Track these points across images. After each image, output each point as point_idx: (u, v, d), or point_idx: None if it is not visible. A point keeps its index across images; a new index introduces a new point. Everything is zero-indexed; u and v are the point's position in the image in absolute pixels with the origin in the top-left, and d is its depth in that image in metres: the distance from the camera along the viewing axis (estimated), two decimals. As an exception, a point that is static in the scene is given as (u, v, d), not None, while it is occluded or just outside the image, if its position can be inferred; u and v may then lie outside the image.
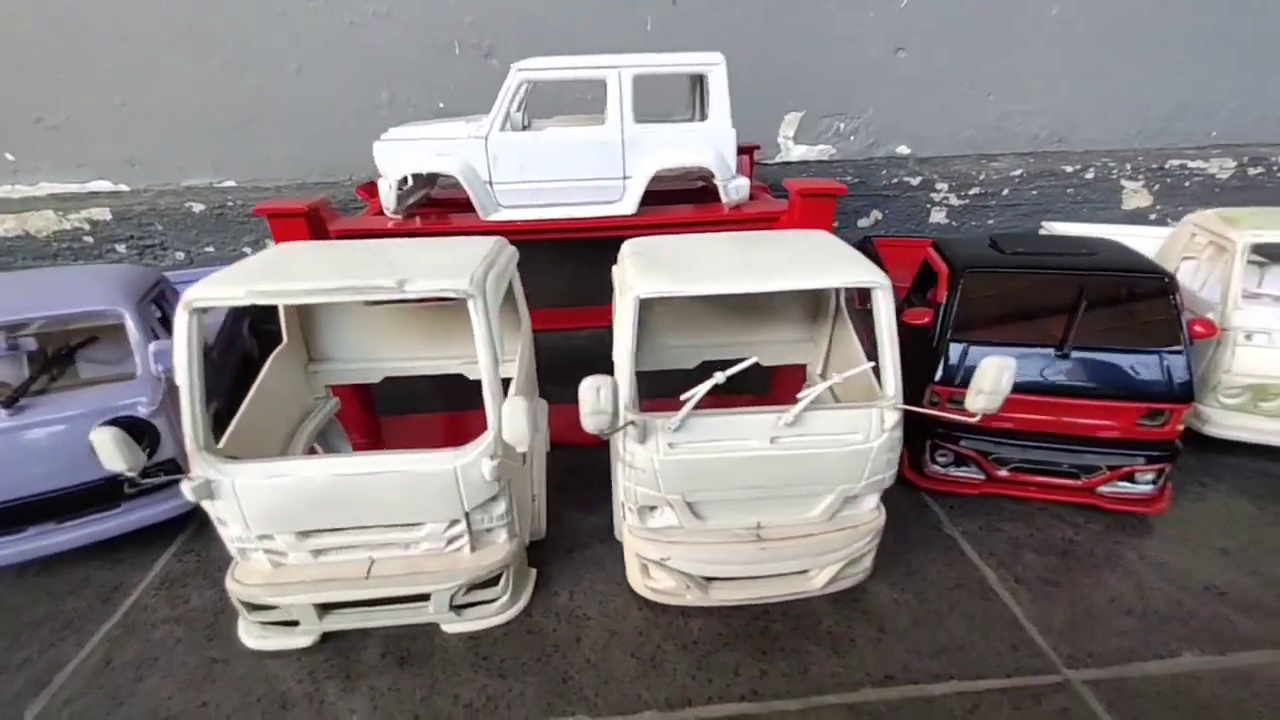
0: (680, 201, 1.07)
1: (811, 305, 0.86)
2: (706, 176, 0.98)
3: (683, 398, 0.60)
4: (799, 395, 0.61)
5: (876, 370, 0.64)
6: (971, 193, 1.53)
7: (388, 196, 0.94)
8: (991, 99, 1.54)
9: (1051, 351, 0.80)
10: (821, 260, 0.66)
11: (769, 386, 1.01)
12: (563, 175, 0.94)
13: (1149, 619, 0.69)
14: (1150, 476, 0.81)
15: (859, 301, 1.43)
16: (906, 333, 0.69)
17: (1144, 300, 0.80)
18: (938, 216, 1.55)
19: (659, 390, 0.71)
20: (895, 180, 1.51)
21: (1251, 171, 1.58)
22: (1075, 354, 0.79)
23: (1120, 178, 1.56)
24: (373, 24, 1.35)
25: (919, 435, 0.86)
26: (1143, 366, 0.78)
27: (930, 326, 0.85)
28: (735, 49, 1.43)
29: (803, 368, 0.90)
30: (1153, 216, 1.60)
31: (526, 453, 0.66)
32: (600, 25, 1.38)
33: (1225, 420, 0.90)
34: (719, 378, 0.60)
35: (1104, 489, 0.82)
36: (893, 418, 0.61)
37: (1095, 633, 0.67)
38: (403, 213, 0.99)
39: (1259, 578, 0.74)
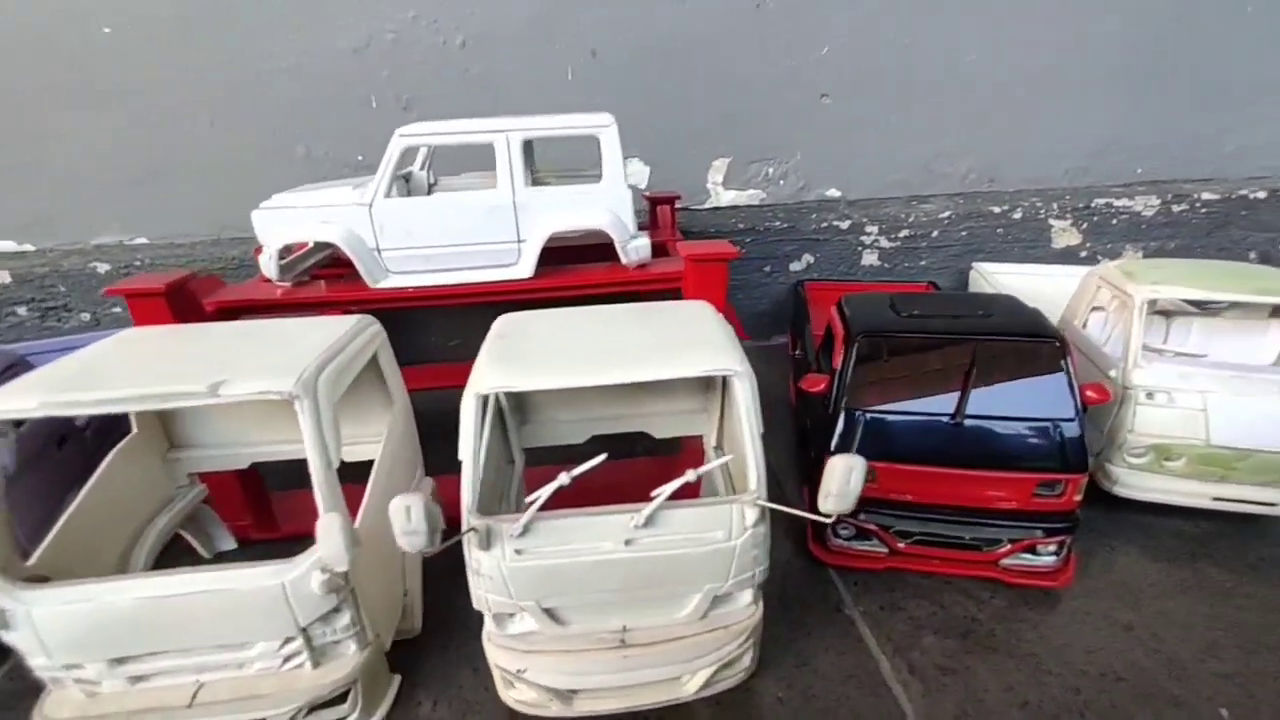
0: (593, 257, 1.03)
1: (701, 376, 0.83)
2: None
3: (529, 499, 0.56)
4: (653, 492, 0.57)
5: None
6: (902, 235, 1.53)
7: (269, 266, 0.90)
8: (918, 141, 1.55)
9: (946, 420, 0.77)
10: (688, 343, 0.63)
11: (680, 445, 0.97)
12: (454, 240, 0.91)
13: (1043, 712, 0.65)
14: (1052, 548, 0.78)
15: (791, 348, 1.42)
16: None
17: (1036, 365, 0.78)
18: (870, 259, 1.55)
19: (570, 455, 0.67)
20: (825, 224, 1.50)
21: (1175, 209, 1.60)
22: (969, 422, 0.77)
23: (1048, 217, 1.57)
24: (283, 77, 1.32)
25: (820, 507, 0.83)
26: (1036, 435, 0.76)
27: (826, 394, 0.82)
28: (659, 97, 1.43)
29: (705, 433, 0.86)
30: (1083, 254, 1.61)
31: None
32: (521, 76, 1.37)
33: (1132, 480, 0.88)
34: (563, 479, 0.56)
35: (1006, 562, 0.79)
36: (753, 514, 0.58)
37: (986, 730, 0.63)
38: (292, 279, 0.95)
39: (1160, 658, 0.71)
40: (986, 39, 1.47)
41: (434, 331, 1.45)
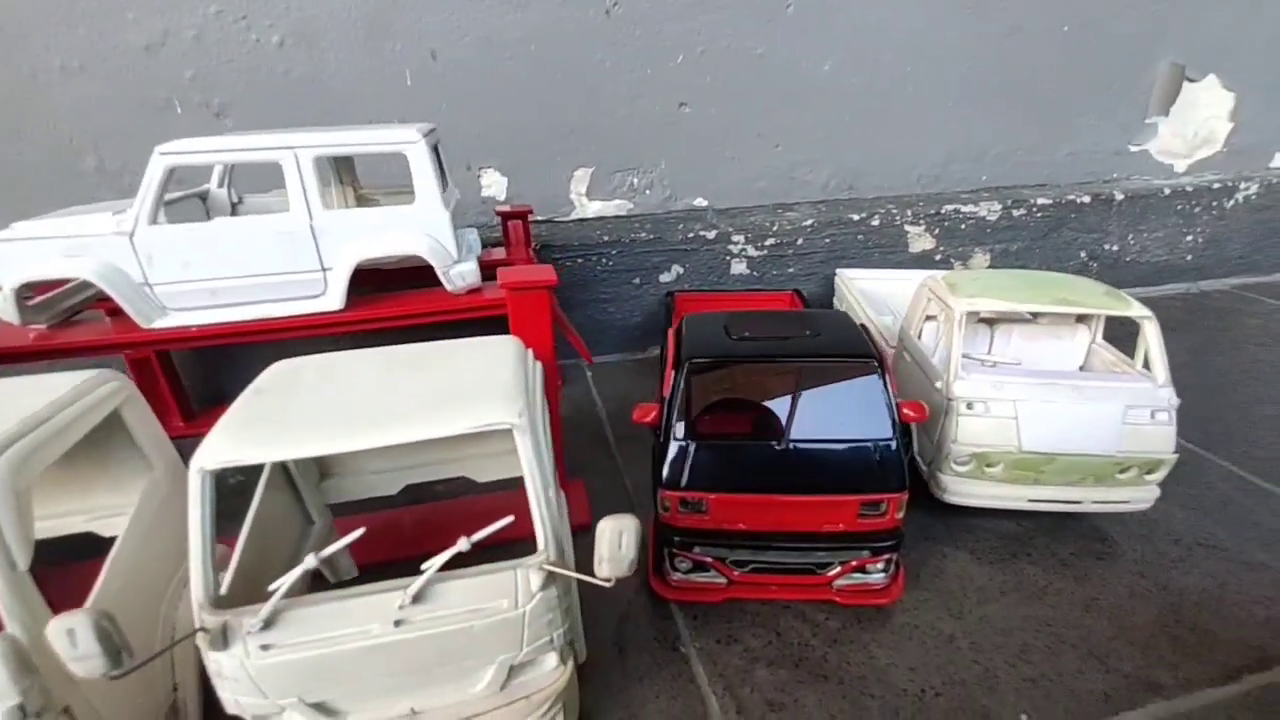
0: (433, 280, 0.94)
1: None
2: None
3: (270, 588, 0.48)
4: (424, 565, 0.51)
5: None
6: (768, 243, 1.54)
7: (5, 309, 0.76)
8: (779, 150, 1.57)
9: (774, 446, 0.76)
10: (467, 393, 0.57)
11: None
12: (245, 270, 0.81)
13: (862, 742, 0.65)
14: (880, 566, 0.79)
15: (664, 361, 1.39)
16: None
17: (856, 386, 0.78)
18: (739, 268, 1.55)
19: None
20: (692, 234, 1.49)
21: (1015, 213, 1.71)
22: (794, 446, 0.76)
23: (904, 223, 1.63)
24: (65, 78, 1.14)
25: (660, 543, 0.80)
26: (858, 456, 0.75)
27: (657, 424, 0.79)
28: (511, 104, 1.36)
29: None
30: (938, 257, 1.69)
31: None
32: (351, 80, 1.26)
33: (959, 488, 0.91)
34: (310, 563, 0.49)
35: (839, 583, 0.79)
36: (538, 579, 0.53)
37: (807, 768, 0.62)
38: (47, 321, 0.81)
39: (977, 669, 0.72)
40: (838, 51, 1.51)
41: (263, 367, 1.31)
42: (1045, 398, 0.86)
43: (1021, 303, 0.92)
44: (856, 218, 1.60)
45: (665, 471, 0.76)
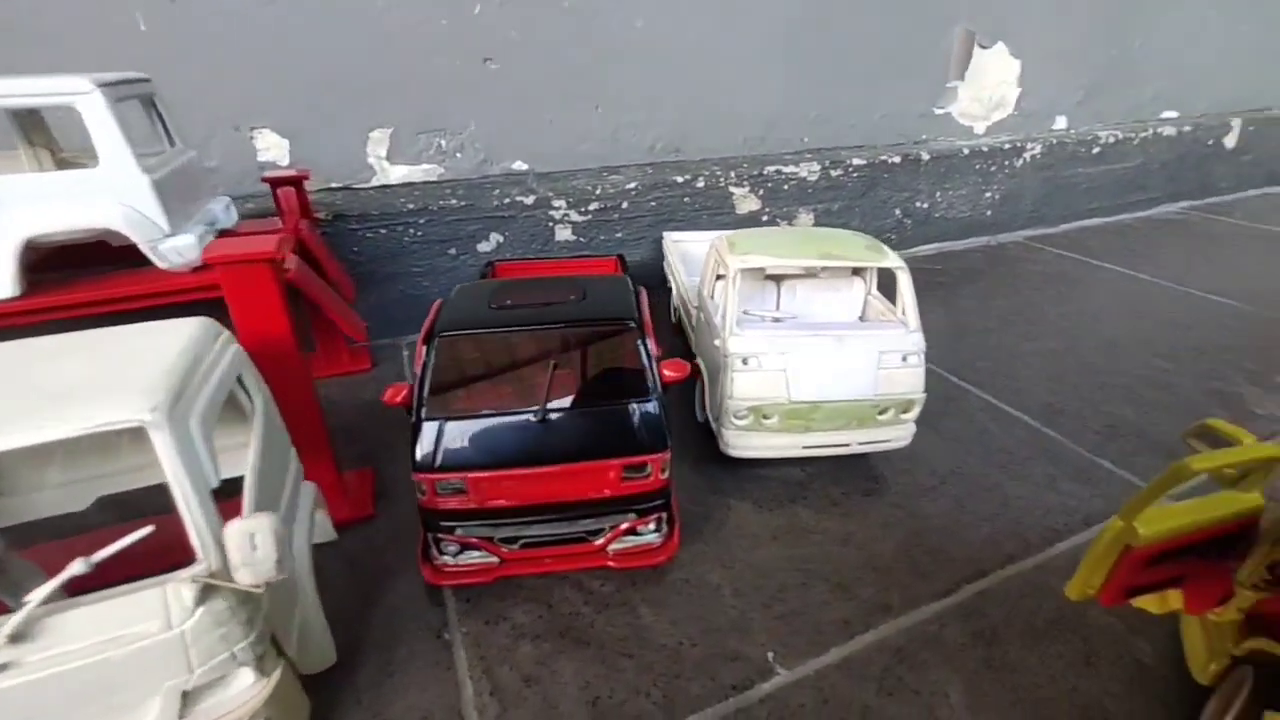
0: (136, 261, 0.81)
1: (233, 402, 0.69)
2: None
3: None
4: (25, 599, 0.43)
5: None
6: (592, 208, 1.51)
7: None
8: (600, 111, 1.53)
9: (530, 417, 0.73)
10: (99, 388, 0.48)
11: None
12: None
13: (612, 703, 0.65)
14: (651, 527, 0.79)
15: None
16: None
17: (615, 350, 0.76)
18: (563, 234, 1.51)
19: None
20: (509, 200, 1.42)
21: (834, 173, 1.79)
22: (553, 417, 0.73)
23: (729, 185, 1.66)
24: None
25: (424, 528, 0.76)
26: (617, 420, 0.75)
27: (408, 404, 0.74)
28: (285, 56, 1.22)
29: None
30: (764, 218, 1.74)
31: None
32: (63, 24, 1.06)
33: (739, 441, 0.94)
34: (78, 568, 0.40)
35: (612, 548, 0.79)
36: (191, 594, 0.47)
37: (554, 738, 0.61)
38: None
39: (734, 614, 0.75)
40: (648, 7, 1.47)
41: None
42: (810, 350, 0.90)
43: (790, 258, 0.95)
44: (681, 180, 1.60)
45: (417, 454, 0.71)
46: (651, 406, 0.75)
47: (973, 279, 1.81)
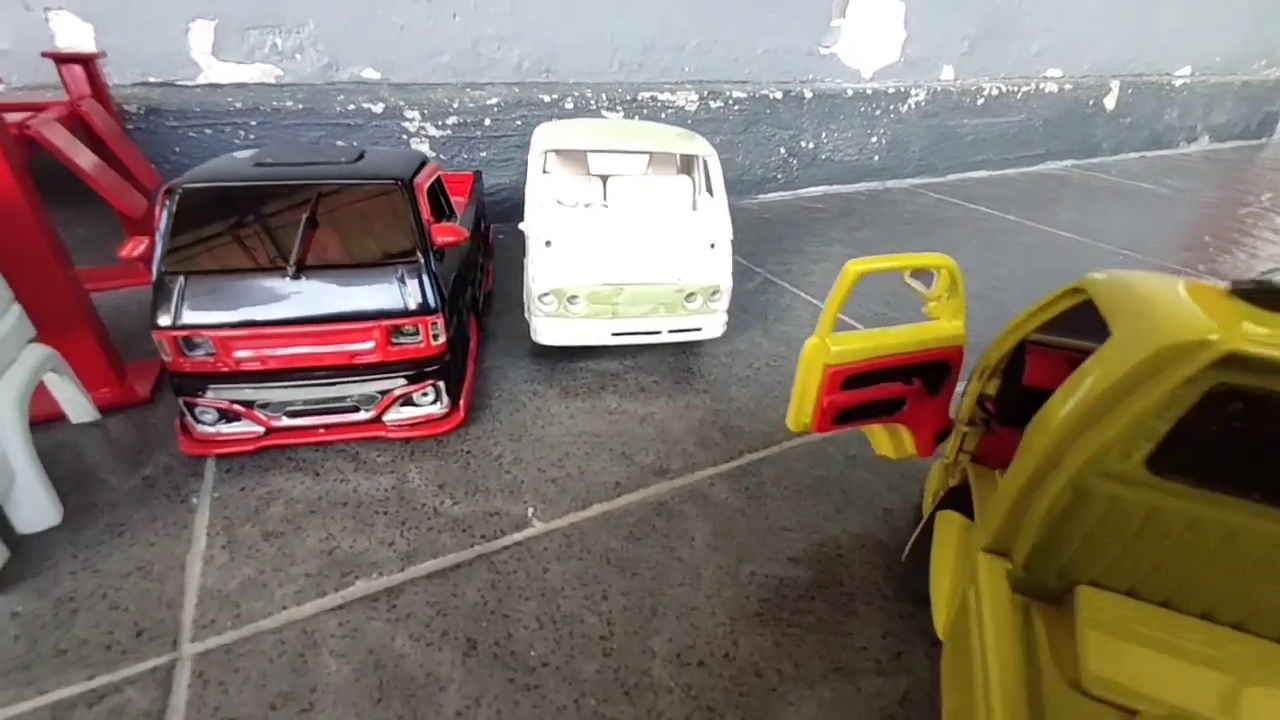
0: None
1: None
2: None
3: None
4: None
5: None
6: (450, 122, 1.46)
7: None
8: (458, 20, 1.46)
9: (283, 277, 0.70)
10: None
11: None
12: None
13: (335, 559, 0.64)
14: (430, 395, 0.78)
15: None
16: None
17: (381, 211, 0.74)
18: (419, 149, 1.45)
19: None
20: (354, 106, 1.35)
21: (713, 104, 1.79)
22: (309, 278, 0.70)
23: (600, 107, 1.63)
24: None
25: (174, 393, 0.72)
26: (382, 281, 0.72)
27: (146, 259, 0.69)
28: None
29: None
30: (642, 146, 1.72)
31: None
32: None
33: (547, 327, 0.93)
34: None
35: (389, 418, 0.77)
36: None
37: (256, 592, 0.59)
38: None
39: (507, 479, 0.75)
40: (509, -89, 1.42)
41: None
42: (611, 232, 0.90)
43: (597, 143, 0.94)
44: (548, 99, 1.56)
45: (154, 310, 0.67)
46: (418, 269, 0.73)
47: (848, 216, 1.85)
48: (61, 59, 1.00)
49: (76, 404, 0.77)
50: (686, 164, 1.08)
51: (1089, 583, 0.45)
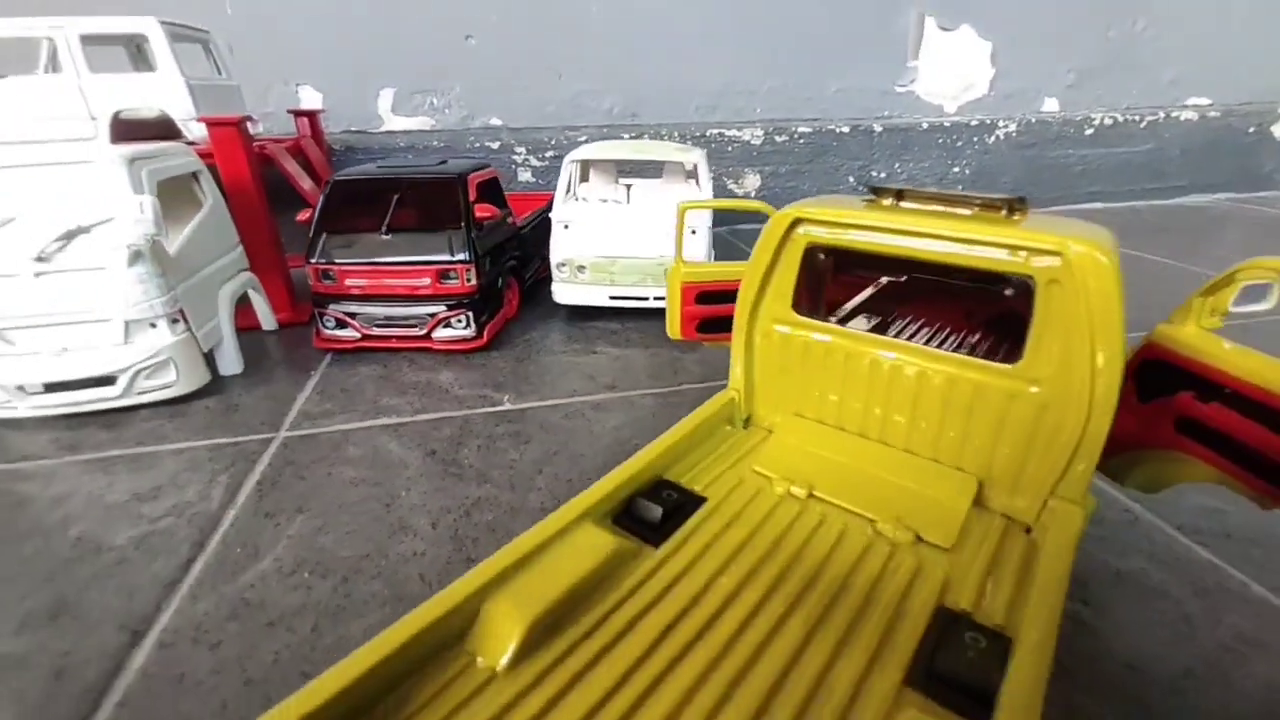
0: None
1: None
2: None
3: None
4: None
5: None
6: (548, 155, 1.87)
7: None
8: (563, 79, 1.89)
9: (380, 234, 1.09)
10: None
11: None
12: (38, 116, 1.15)
13: (386, 405, 0.97)
14: (463, 322, 1.11)
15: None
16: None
17: (442, 196, 1.10)
18: (524, 175, 1.87)
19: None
20: (479, 145, 1.82)
21: (778, 139, 2.02)
22: (395, 236, 1.08)
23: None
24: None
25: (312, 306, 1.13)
26: (437, 239, 1.08)
27: (309, 223, 1.12)
28: (318, 33, 1.70)
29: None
30: (712, 176, 1.99)
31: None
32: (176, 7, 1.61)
33: (561, 290, 1.23)
34: None
35: (437, 334, 1.12)
36: (125, 255, 0.86)
37: (327, 416, 0.94)
38: None
39: (498, 379, 1.04)
40: (604, -5, 1.83)
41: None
42: (609, 217, 1.18)
43: (615, 153, 1.24)
44: (629, 137, 1.91)
45: (308, 252, 1.09)
46: (459, 231, 1.08)
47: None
48: (297, 113, 1.56)
49: (265, 316, 1.23)
50: (693, 173, 1.34)
51: (795, 415, 0.62)
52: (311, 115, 1.57)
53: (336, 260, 1.09)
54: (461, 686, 0.36)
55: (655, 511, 0.50)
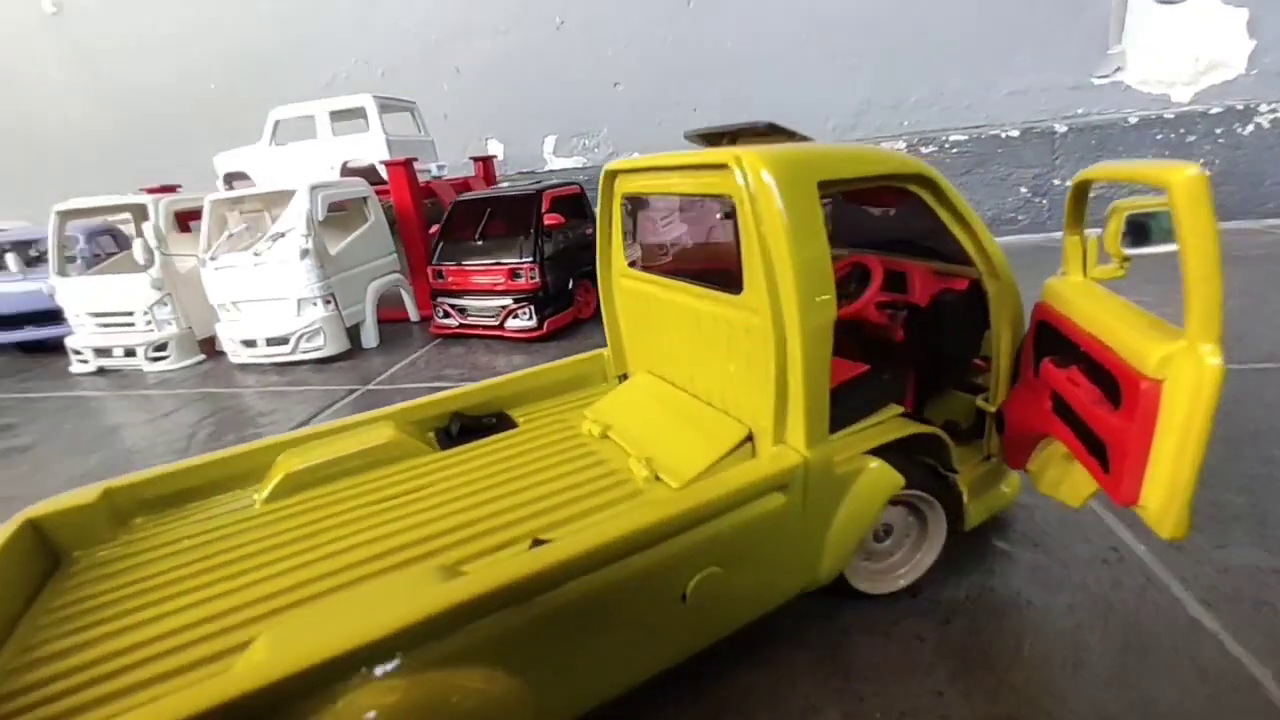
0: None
1: None
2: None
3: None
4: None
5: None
6: (676, 182, 2.01)
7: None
8: (696, 113, 2.03)
9: (475, 241, 1.35)
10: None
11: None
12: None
13: (453, 376, 1.19)
14: (528, 314, 1.30)
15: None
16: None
17: (523, 210, 1.32)
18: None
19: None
20: (616, 176, 2.04)
21: (924, 150, 1.85)
22: (483, 241, 1.33)
23: (800, 163, 1.92)
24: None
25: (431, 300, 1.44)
26: (512, 244, 1.29)
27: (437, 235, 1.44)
28: (501, 98, 2.12)
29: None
30: (842, 193, 1.91)
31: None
32: (411, 84, 2.17)
33: (620, 292, 1.33)
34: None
35: (509, 324, 1.32)
36: (298, 249, 1.24)
37: (412, 374, 1.19)
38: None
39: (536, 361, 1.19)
40: (735, 30, 1.93)
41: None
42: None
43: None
44: (754, 160, 1.95)
45: (429, 255, 1.41)
46: (529, 237, 1.28)
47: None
48: (476, 159, 1.97)
49: (411, 309, 1.59)
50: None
51: (647, 371, 0.64)
52: (485, 160, 1.97)
53: (445, 261, 1.38)
54: (232, 505, 0.51)
55: (455, 426, 0.59)
